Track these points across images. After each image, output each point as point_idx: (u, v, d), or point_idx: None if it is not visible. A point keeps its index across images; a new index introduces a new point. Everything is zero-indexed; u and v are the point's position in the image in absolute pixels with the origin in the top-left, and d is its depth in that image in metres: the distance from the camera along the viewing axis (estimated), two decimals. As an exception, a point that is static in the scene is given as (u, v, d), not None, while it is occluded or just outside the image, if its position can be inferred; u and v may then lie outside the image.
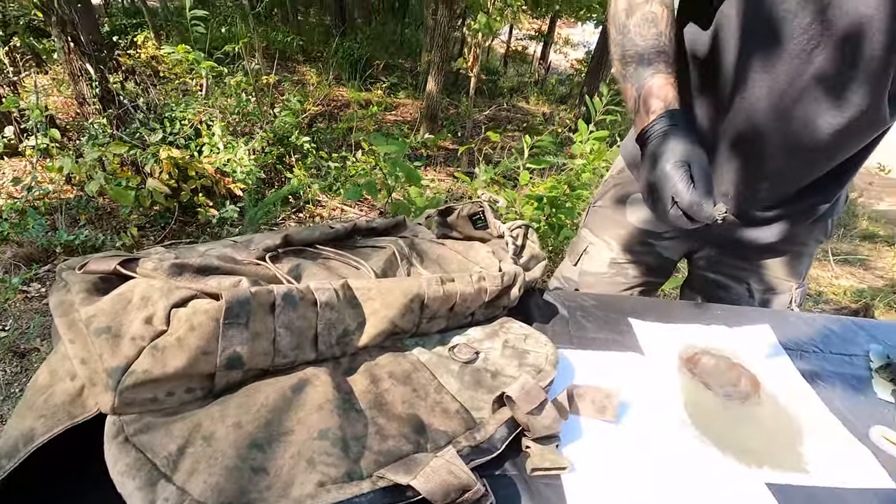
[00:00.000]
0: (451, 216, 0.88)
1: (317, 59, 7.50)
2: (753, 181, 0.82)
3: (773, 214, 0.86)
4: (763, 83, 0.71)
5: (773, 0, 0.66)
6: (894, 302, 3.31)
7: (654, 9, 0.74)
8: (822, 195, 0.84)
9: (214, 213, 3.00)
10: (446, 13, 3.54)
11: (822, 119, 0.71)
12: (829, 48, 0.65)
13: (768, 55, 0.69)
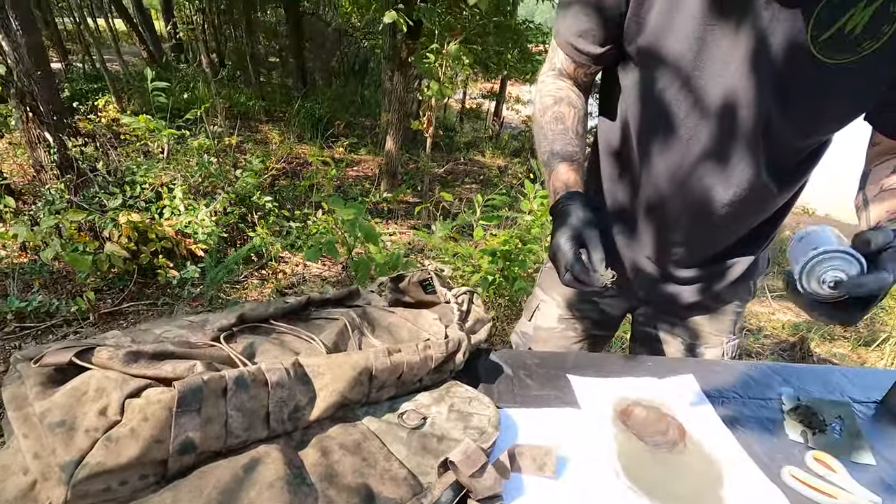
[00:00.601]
0: (403, 283, 0.92)
1: (279, 119, 7.62)
2: (668, 247, 0.90)
3: (693, 276, 0.94)
4: (662, 164, 0.81)
5: (660, 91, 0.75)
6: (826, 334, 3.50)
7: (563, 109, 0.85)
8: (737, 259, 0.92)
9: (175, 275, 2.95)
10: (401, 79, 3.71)
11: (714, 193, 0.79)
12: (709, 127, 0.74)
13: (663, 140, 0.79)
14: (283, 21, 8.73)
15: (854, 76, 0.64)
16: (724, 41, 0.67)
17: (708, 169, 0.77)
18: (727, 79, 0.69)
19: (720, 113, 0.72)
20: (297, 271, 3.43)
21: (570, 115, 0.85)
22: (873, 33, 0.60)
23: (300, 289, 3.21)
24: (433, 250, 2.70)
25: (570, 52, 0.85)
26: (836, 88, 0.66)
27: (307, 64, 8.60)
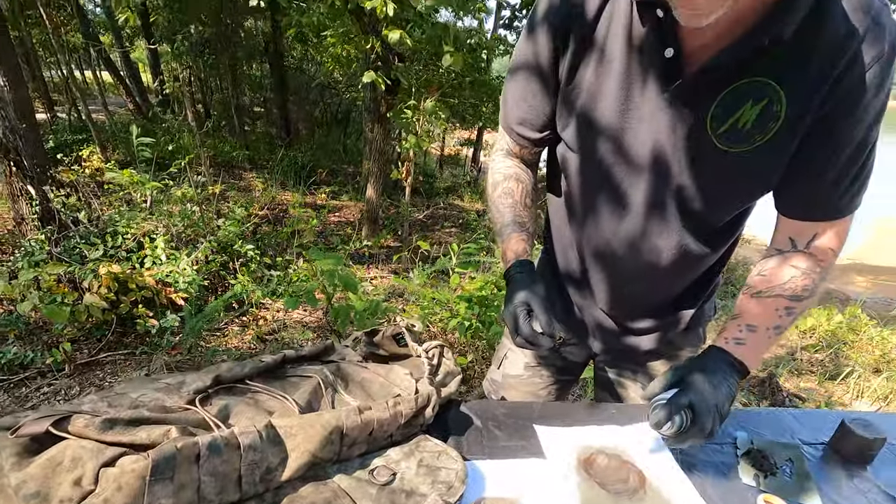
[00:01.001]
0: (377, 337, 0.95)
1: (263, 167, 7.69)
2: (617, 302, 0.96)
3: (645, 327, 1.00)
4: (602, 231, 0.88)
5: (591, 170, 0.83)
6: (794, 369, 3.57)
7: (511, 185, 0.94)
8: (683, 310, 0.98)
9: (154, 324, 2.91)
10: (381, 131, 3.82)
11: (648, 257, 0.86)
12: (636, 202, 0.82)
13: (600, 211, 0.86)
14: (268, 75, 8.94)
15: (751, 163, 0.72)
16: (642, 129, 0.75)
17: (640, 237, 0.85)
18: (646, 163, 0.77)
19: (644, 190, 0.80)
20: (278, 317, 3.40)
21: (518, 189, 0.94)
22: (761, 129, 0.68)
23: (280, 335, 3.18)
24: (412, 295, 2.72)
25: (513, 136, 0.94)
26: (738, 172, 0.74)
27: (291, 114, 8.78)
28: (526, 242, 0.89)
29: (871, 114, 0.66)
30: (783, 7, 0.59)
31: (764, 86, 0.66)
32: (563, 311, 1.06)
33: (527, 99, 0.87)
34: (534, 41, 0.81)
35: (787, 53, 0.63)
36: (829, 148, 0.69)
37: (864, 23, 0.62)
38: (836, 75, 0.63)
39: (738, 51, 0.63)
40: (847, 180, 0.71)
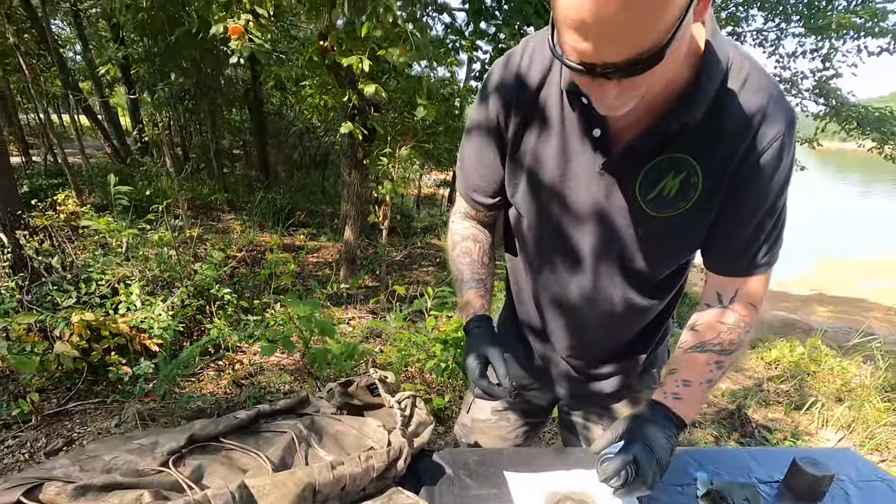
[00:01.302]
0: (352, 387, 0.96)
1: (241, 209, 7.67)
2: (578, 347, 1.01)
3: (604, 371, 1.04)
4: (563, 279, 0.92)
5: (537, 231, 0.90)
6: (762, 400, 3.63)
7: (469, 244, 1.00)
8: (638, 354, 1.04)
9: (127, 371, 2.82)
10: (358, 176, 3.88)
11: (599, 308, 0.92)
12: (581, 261, 0.88)
13: (560, 264, 0.91)
14: (248, 119, 9.03)
15: (678, 226, 0.79)
16: (581, 195, 0.82)
17: (591, 290, 0.91)
18: (589, 225, 0.84)
19: (589, 249, 0.87)
20: (255, 360, 3.34)
21: (475, 248, 1.00)
22: (684, 197, 0.76)
23: (257, 379, 3.11)
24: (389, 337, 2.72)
25: (469, 202, 1.01)
26: (667, 234, 0.81)
27: (270, 157, 8.83)
28: (483, 298, 0.94)
29: (775, 186, 0.75)
30: (687, 99, 0.69)
31: (682, 160, 0.74)
32: (525, 358, 1.10)
33: (479, 168, 0.94)
34: (484, 111, 0.88)
35: (699, 134, 0.72)
36: (741, 215, 0.78)
37: (763, 107, 0.71)
38: (741, 153, 0.72)
39: (654, 133, 0.72)
40: (759, 242, 0.80)
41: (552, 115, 0.80)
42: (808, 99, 6.16)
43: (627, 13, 0.51)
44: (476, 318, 0.90)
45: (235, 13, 2.39)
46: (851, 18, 4.95)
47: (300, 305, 1.88)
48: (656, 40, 0.55)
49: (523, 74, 0.81)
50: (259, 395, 2.79)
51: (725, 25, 6.88)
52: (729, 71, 0.71)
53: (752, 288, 0.84)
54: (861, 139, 5.50)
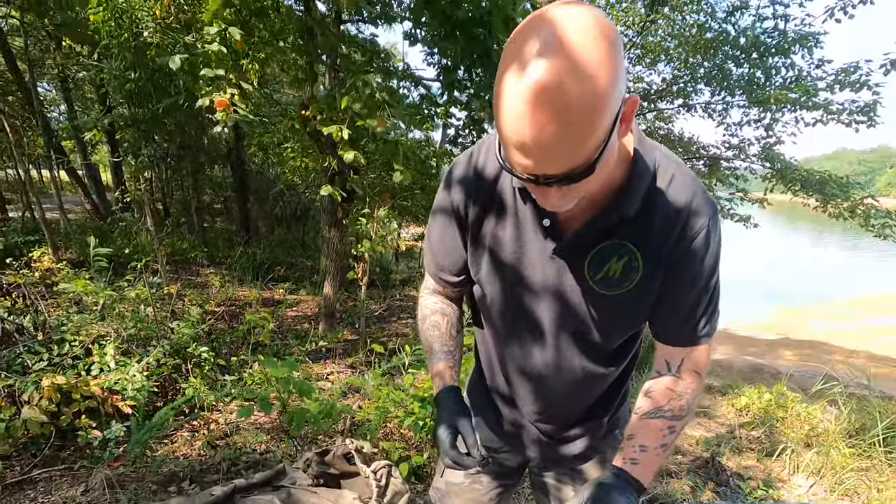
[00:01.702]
0: (328, 456, 0.98)
1: (221, 264, 7.60)
2: (544, 412, 1.06)
3: (570, 434, 1.09)
4: (525, 351, 0.99)
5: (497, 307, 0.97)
6: (735, 447, 3.66)
7: (437, 318, 1.06)
8: (601, 417, 1.09)
9: (97, 435, 2.72)
10: (337, 234, 3.95)
11: (569, 371, 0.98)
12: (541, 335, 0.95)
13: (522, 337, 0.98)
14: (230, 176, 9.10)
15: (624, 304, 0.88)
16: (536, 275, 0.90)
17: (552, 361, 0.98)
18: (544, 302, 0.92)
19: (547, 325, 0.94)
20: (231, 420, 3.25)
21: (443, 322, 1.05)
22: (627, 278, 0.85)
23: (233, 439, 3.02)
24: (368, 394, 2.70)
25: (435, 279, 1.07)
26: (616, 310, 0.89)
27: (251, 213, 8.87)
28: (452, 369, 1.00)
29: (707, 267, 0.84)
30: (622, 196, 0.79)
31: (623, 246, 0.83)
32: (495, 422, 1.14)
33: (444, 249, 1.01)
34: (447, 199, 0.96)
35: (636, 224, 0.82)
36: (677, 294, 0.87)
37: (688, 202, 0.81)
38: (674, 240, 0.82)
39: (597, 223, 0.82)
40: (696, 317, 0.88)
41: (507, 205, 0.89)
42: (755, 163, 6.58)
43: (561, 139, 0.60)
44: (445, 389, 0.95)
45: (222, 87, 2.52)
46: (787, 94, 5.44)
47: (278, 366, 1.88)
48: (587, 157, 0.64)
49: (481, 170, 0.90)
50: (234, 456, 2.70)
51: (677, 97, 7.40)
52: (657, 172, 0.81)
53: (696, 357, 0.92)
54: (806, 199, 5.88)
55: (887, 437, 3.33)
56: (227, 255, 7.78)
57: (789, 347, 9.51)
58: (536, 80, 0.58)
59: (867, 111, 5.38)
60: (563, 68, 0.58)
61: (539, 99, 0.58)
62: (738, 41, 6.26)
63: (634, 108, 0.69)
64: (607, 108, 0.61)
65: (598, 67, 0.59)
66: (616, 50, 0.63)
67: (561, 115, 0.59)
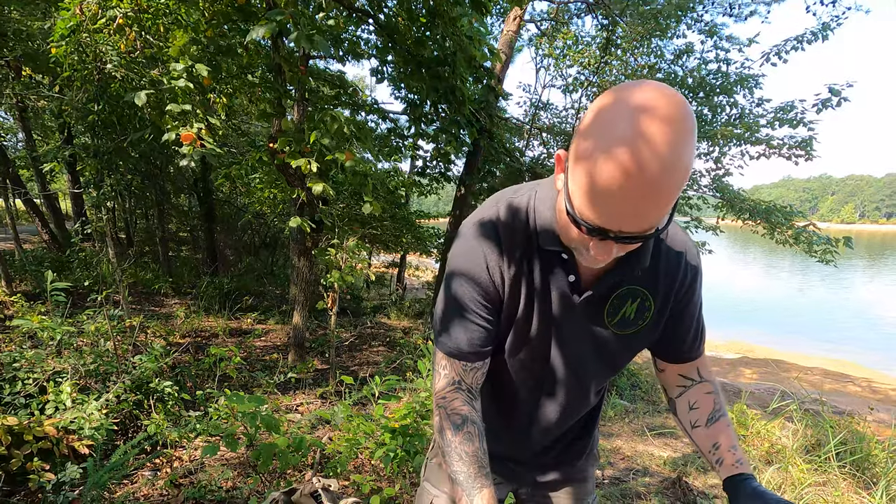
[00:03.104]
0: (295, 495, 0.97)
1: (186, 294, 7.39)
2: (549, 443, 1.15)
3: (562, 459, 1.19)
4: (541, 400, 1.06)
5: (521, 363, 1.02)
6: (700, 467, 3.72)
7: (471, 430, 0.91)
8: (587, 437, 1.19)
9: (51, 478, 2.56)
10: (307, 263, 3.92)
11: (574, 412, 1.09)
12: (557, 383, 1.03)
13: (543, 386, 1.04)
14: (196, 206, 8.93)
15: (636, 340, 0.98)
16: (559, 331, 0.97)
17: (567, 406, 1.07)
18: (565, 354, 0.99)
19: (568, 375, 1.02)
20: (196, 456, 3.12)
21: (475, 433, 0.91)
22: (641, 317, 0.95)
23: (197, 477, 2.89)
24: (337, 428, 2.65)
25: (464, 359, 0.96)
26: (630, 346, 1.00)
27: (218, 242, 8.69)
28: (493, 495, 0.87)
29: (699, 297, 0.99)
30: (644, 248, 0.86)
31: (636, 290, 0.93)
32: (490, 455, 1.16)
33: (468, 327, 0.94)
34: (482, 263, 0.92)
35: (648, 271, 0.92)
36: (685, 323, 0.99)
37: (684, 251, 0.94)
38: (678, 282, 0.94)
39: (618, 275, 0.90)
40: (701, 333, 1.03)
41: (536, 268, 0.92)
42: (707, 193, 6.93)
43: (655, 213, 0.67)
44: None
45: (189, 121, 2.50)
46: (733, 130, 5.85)
47: (244, 401, 1.84)
48: (661, 221, 0.70)
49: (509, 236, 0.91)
50: (199, 495, 2.59)
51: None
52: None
53: (704, 363, 1.06)
54: (755, 227, 6.24)
55: (840, 451, 3.46)
56: (193, 285, 7.58)
57: (749, 366, 9.82)
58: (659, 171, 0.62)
59: (804, 146, 5.79)
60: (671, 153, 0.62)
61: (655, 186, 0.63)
62: (686, 81, 6.71)
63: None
64: (688, 175, 0.67)
65: (689, 146, 0.65)
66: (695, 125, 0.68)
67: (658, 196, 0.64)
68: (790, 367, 9.65)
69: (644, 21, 6.48)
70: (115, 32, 2.83)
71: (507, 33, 5.51)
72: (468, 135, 3.97)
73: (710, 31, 6.65)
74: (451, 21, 3.02)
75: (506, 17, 6.19)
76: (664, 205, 0.66)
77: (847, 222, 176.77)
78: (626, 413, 5.03)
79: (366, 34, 4.46)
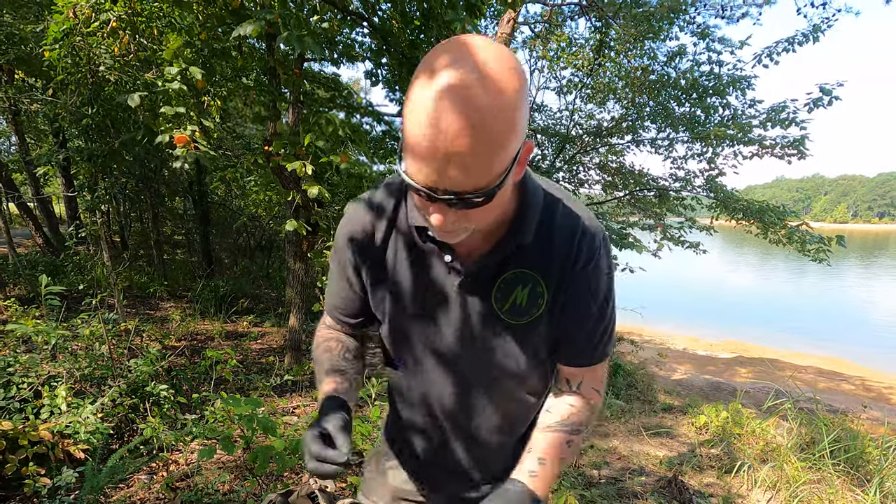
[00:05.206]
0: (292, 497, 0.97)
1: (182, 297, 7.36)
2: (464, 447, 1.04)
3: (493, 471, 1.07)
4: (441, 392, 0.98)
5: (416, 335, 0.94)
6: (696, 465, 3.74)
7: (331, 343, 1.02)
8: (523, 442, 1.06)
9: (46, 483, 2.56)
10: (303, 266, 3.91)
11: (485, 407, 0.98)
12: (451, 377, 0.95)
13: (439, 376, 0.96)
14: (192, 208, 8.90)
15: (533, 331, 0.89)
16: (442, 315, 0.90)
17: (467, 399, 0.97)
18: (453, 339, 0.92)
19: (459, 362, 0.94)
20: (192, 459, 3.11)
21: (336, 346, 1.02)
22: (534, 305, 0.87)
23: (194, 480, 2.89)
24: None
25: (333, 318, 1.05)
26: (527, 338, 0.90)
27: (213, 245, 8.66)
28: (338, 384, 0.94)
29: (599, 294, 0.88)
30: (516, 227, 0.82)
31: (526, 274, 0.85)
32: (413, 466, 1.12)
33: (341, 293, 1.00)
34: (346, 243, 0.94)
35: (534, 253, 0.85)
36: (575, 318, 0.89)
37: (577, 229, 0.85)
38: (568, 267, 0.85)
39: (496, 254, 0.84)
40: (594, 339, 0.91)
41: (404, 248, 0.90)
42: (701, 194, 6.97)
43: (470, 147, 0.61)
44: (325, 399, 0.90)
45: (183, 124, 2.50)
46: (726, 131, 5.88)
47: (241, 404, 1.84)
48: (490, 180, 0.65)
49: (376, 214, 0.91)
50: (195, 498, 2.59)
51: (626, 133, 7.84)
52: (547, 203, 0.85)
53: (595, 376, 0.96)
54: (748, 227, 6.27)
55: (834, 449, 3.49)
56: (188, 289, 7.55)
57: (744, 365, 9.87)
58: (450, 83, 0.59)
59: (797, 145, 5.83)
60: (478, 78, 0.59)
61: (452, 101, 0.59)
62: (679, 83, 6.75)
63: (529, 154, 0.72)
64: (515, 133, 0.64)
65: (512, 92, 0.61)
66: (526, 89, 0.65)
67: (474, 123, 0.60)
68: (784, 365, 9.71)
69: (637, 23, 6.53)
70: (109, 36, 2.83)
71: (500, 36, 5.54)
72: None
73: (702, 34, 6.69)
74: (444, 24, 3.03)
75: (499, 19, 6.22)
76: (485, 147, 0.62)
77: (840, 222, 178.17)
78: (622, 413, 5.05)
79: (360, 37, 4.48)
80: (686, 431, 4.63)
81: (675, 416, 5.13)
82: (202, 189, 7.82)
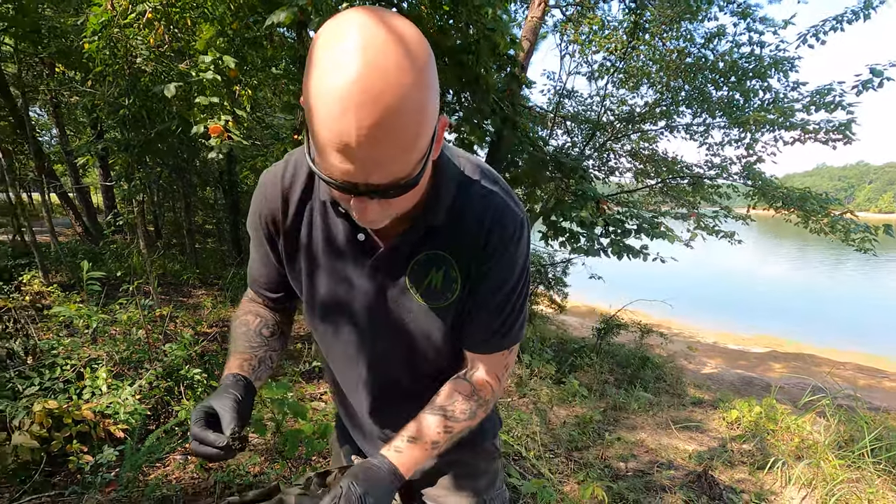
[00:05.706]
0: (330, 477, 0.99)
1: (213, 284, 7.56)
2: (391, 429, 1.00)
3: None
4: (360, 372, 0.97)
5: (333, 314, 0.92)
6: (727, 460, 3.67)
7: (249, 318, 1.01)
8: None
9: (89, 460, 2.68)
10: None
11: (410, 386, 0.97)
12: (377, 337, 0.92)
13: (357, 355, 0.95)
14: (222, 198, 9.09)
15: (449, 314, 0.87)
16: (355, 295, 0.88)
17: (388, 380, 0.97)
18: (368, 320, 0.90)
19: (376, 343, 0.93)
20: (224, 442, 3.21)
21: (254, 320, 1.01)
22: (449, 288, 0.85)
23: (226, 462, 2.99)
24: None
25: (253, 290, 1.04)
26: (443, 321, 0.88)
27: (243, 233, 8.86)
28: (246, 361, 0.93)
29: (508, 282, 0.85)
30: (429, 206, 0.79)
31: (439, 256, 0.83)
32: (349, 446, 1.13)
33: (259, 266, 0.99)
34: (257, 219, 0.92)
35: (447, 233, 0.82)
36: (479, 303, 0.86)
37: (493, 210, 0.81)
38: (479, 249, 0.82)
39: (409, 235, 0.81)
40: (494, 327, 0.88)
41: (318, 222, 0.87)
42: (737, 181, 6.72)
43: (389, 140, 0.57)
44: (226, 376, 0.88)
45: (216, 114, 2.54)
46: (766, 115, 5.62)
47: (272, 388, 1.89)
48: (411, 169, 0.63)
49: (290, 185, 0.87)
50: (228, 479, 2.67)
51: (660, 119, 7.60)
52: (462, 181, 0.81)
53: (496, 361, 0.92)
54: (787, 215, 6.01)
55: (875, 448, 3.37)
56: (219, 276, 7.75)
57: (778, 360, 9.60)
58: (360, 75, 0.54)
59: (843, 129, 5.54)
60: (384, 63, 0.55)
61: (361, 92, 0.54)
62: (717, 65, 6.47)
63: (444, 130, 0.69)
64: (429, 114, 0.61)
65: (420, 73, 0.57)
66: (431, 59, 0.61)
67: (390, 116, 0.56)
68: (821, 361, 9.40)
69: (673, 3, 6.29)
70: (145, 27, 2.90)
71: (531, 20, 5.43)
72: (491, 124, 3.93)
73: (743, 13, 6.37)
74: (475, 9, 2.99)
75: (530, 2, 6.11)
76: (404, 138, 0.58)
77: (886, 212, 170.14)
78: (650, 406, 4.98)
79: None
80: (717, 426, 4.54)
81: (705, 410, 5.03)
82: (232, 179, 7.98)
